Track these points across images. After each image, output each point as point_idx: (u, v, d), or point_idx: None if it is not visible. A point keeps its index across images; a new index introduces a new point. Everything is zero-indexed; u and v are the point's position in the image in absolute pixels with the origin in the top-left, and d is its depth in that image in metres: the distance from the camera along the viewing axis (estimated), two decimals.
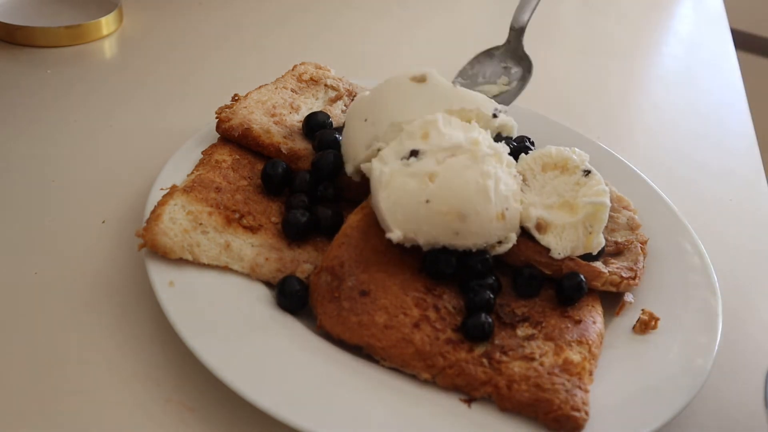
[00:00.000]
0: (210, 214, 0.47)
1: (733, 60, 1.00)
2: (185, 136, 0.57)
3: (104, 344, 0.43)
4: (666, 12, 1.18)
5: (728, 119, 0.85)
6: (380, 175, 0.44)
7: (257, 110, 0.57)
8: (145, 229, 0.44)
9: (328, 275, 0.44)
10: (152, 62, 0.78)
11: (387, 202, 0.44)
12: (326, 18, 0.95)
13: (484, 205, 0.44)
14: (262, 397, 0.37)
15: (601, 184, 0.48)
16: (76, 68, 0.74)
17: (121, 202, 0.55)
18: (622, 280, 0.48)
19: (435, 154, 0.44)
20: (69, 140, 0.62)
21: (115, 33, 0.83)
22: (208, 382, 0.40)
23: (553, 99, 0.80)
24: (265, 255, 0.46)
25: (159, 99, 0.71)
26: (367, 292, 0.43)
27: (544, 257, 0.47)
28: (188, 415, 0.39)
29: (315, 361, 0.40)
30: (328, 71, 0.65)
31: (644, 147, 0.75)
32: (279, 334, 0.42)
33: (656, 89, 0.93)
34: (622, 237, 0.52)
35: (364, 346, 0.41)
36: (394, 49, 0.90)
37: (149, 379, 0.41)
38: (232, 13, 0.93)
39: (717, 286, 0.49)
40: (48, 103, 0.68)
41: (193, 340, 0.39)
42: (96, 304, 0.46)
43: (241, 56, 0.82)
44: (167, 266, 0.44)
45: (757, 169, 0.74)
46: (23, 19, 0.78)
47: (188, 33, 0.86)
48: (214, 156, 0.53)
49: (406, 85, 0.50)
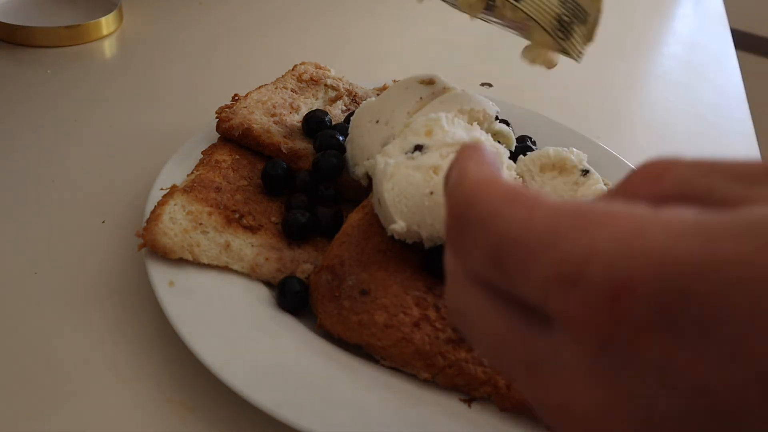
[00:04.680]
0: (210, 214, 0.47)
1: (733, 60, 1.01)
2: (185, 136, 0.57)
3: (104, 344, 0.43)
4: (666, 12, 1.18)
5: (728, 119, 0.85)
6: (385, 167, 0.45)
7: (257, 110, 0.57)
8: (145, 229, 0.44)
9: (328, 274, 0.44)
10: (152, 62, 0.78)
11: (391, 194, 0.44)
12: (326, 18, 0.96)
13: None
14: (262, 397, 0.37)
15: (599, 183, 0.48)
16: (76, 68, 0.74)
17: (121, 202, 0.55)
18: None
19: (439, 149, 0.45)
20: (69, 140, 0.62)
21: (115, 33, 0.83)
22: (208, 382, 0.40)
23: (553, 99, 0.80)
24: (265, 255, 0.46)
25: (159, 99, 0.71)
26: (367, 291, 0.43)
27: None
28: (188, 415, 0.39)
29: (315, 360, 0.40)
30: (328, 71, 0.65)
31: (645, 147, 0.75)
32: (279, 333, 0.42)
33: (656, 89, 0.93)
34: None
35: (364, 346, 0.41)
36: (395, 49, 0.90)
37: (149, 379, 0.41)
38: (232, 13, 0.93)
39: None
40: (48, 103, 0.68)
41: (193, 340, 0.39)
42: (96, 304, 0.46)
43: (241, 56, 0.82)
44: (167, 266, 0.44)
45: None
46: (23, 19, 0.79)
47: (188, 33, 0.86)
48: (214, 156, 0.53)
49: (416, 87, 0.51)
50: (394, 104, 0.51)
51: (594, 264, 0.19)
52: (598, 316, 0.19)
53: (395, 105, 0.51)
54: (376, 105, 0.53)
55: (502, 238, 0.21)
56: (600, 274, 0.19)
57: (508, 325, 0.22)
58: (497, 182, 0.23)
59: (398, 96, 0.51)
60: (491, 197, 0.22)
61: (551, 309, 0.20)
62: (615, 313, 0.19)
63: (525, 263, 0.20)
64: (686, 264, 0.18)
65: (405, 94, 0.50)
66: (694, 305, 0.18)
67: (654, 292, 0.18)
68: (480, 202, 0.22)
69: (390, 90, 0.53)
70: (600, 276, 0.19)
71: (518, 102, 0.69)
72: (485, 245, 0.22)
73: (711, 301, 0.17)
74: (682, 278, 0.18)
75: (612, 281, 0.19)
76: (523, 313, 0.22)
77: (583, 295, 0.19)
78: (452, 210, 0.23)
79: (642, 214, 0.19)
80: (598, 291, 0.19)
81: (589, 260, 0.19)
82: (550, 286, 0.20)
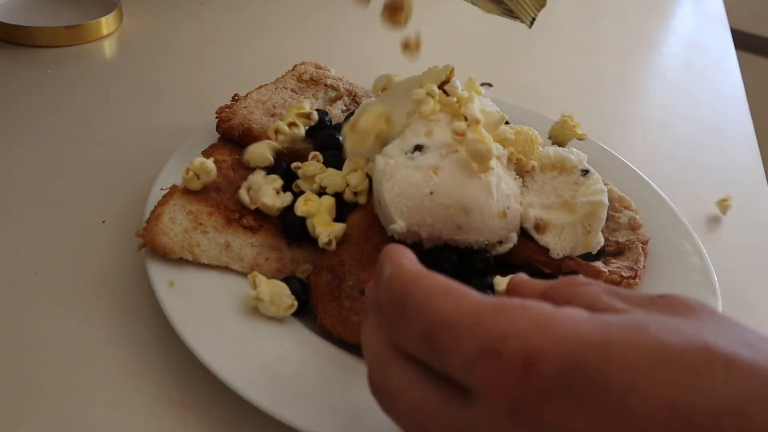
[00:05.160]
0: (210, 214, 0.47)
1: (733, 60, 1.01)
2: (185, 136, 0.57)
3: (104, 344, 0.43)
4: (666, 12, 1.18)
5: (728, 119, 0.85)
6: (385, 167, 0.45)
7: (257, 110, 0.57)
8: (145, 229, 0.44)
9: (328, 274, 0.44)
10: (152, 62, 0.78)
11: (391, 194, 0.44)
12: (326, 18, 0.96)
13: (486, 200, 0.44)
14: (262, 397, 0.37)
15: (599, 183, 0.48)
16: (76, 68, 0.74)
17: (121, 202, 0.55)
18: (621, 280, 0.48)
19: (439, 149, 0.45)
20: (69, 140, 0.62)
21: (115, 33, 0.83)
22: (208, 382, 0.40)
23: (553, 99, 0.80)
24: (265, 255, 0.46)
25: (159, 99, 0.71)
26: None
27: (543, 257, 0.47)
28: (188, 415, 0.39)
29: (315, 360, 0.40)
30: (328, 71, 0.65)
31: (644, 147, 0.75)
32: (279, 333, 0.42)
33: (656, 89, 0.93)
34: (623, 237, 0.52)
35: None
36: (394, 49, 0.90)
37: (149, 379, 0.41)
38: (232, 13, 0.93)
39: (717, 286, 0.49)
40: (48, 103, 0.68)
41: (193, 340, 0.39)
42: (96, 304, 0.46)
43: (241, 56, 0.82)
44: (167, 266, 0.44)
45: (757, 169, 0.74)
46: (23, 19, 0.79)
47: (188, 33, 0.86)
48: (214, 156, 0.53)
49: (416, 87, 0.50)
50: (394, 104, 0.51)
51: (511, 339, 0.24)
52: (511, 380, 0.23)
53: (395, 105, 0.51)
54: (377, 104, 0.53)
55: (433, 322, 0.26)
56: (515, 347, 0.23)
57: (432, 396, 0.26)
58: (429, 276, 0.27)
59: (398, 96, 0.51)
60: (424, 288, 0.27)
61: (472, 380, 0.24)
62: (525, 378, 0.23)
63: (453, 342, 0.25)
64: (584, 342, 0.23)
65: (405, 94, 0.50)
66: (589, 375, 0.22)
67: (558, 362, 0.23)
68: (415, 291, 0.27)
69: (390, 90, 0.53)
70: (515, 349, 0.23)
71: (518, 102, 0.69)
72: (419, 328, 0.26)
73: (602, 370, 0.22)
74: (581, 352, 0.23)
75: (525, 353, 0.23)
76: (446, 387, 0.26)
77: (499, 364, 0.24)
78: (391, 297, 0.28)
79: (549, 308, 0.25)
80: (512, 359, 0.23)
81: (508, 337, 0.24)
82: (472, 359, 0.24)
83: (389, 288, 0.28)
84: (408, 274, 0.28)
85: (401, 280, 0.28)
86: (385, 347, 0.28)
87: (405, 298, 0.27)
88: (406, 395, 0.27)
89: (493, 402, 0.24)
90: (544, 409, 0.23)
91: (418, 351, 0.26)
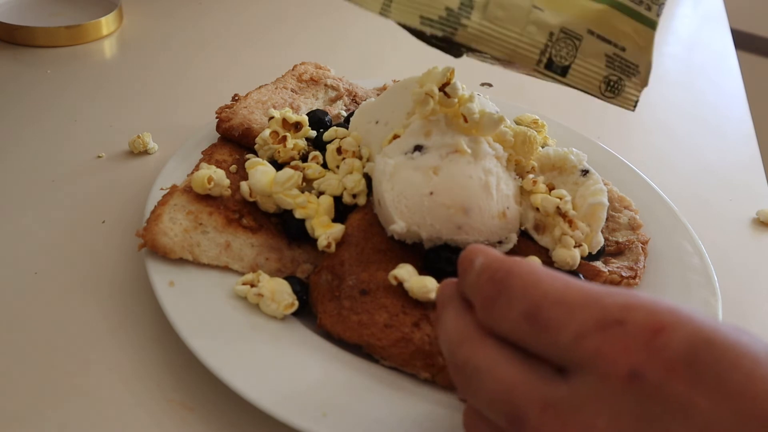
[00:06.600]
0: (210, 214, 0.47)
1: (733, 60, 1.01)
2: (185, 136, 0.57)
3: (104, 344, 0.43)
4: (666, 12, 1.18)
5: (728, 119, 0.85)
6: (385, 167, 0.45)
7: (257, 110, 0.57)
8: (145, 229, 0.44)
9: (328, 274, 0.44)
10: (152, 62, 0.78)
11: (391, 194, 0.44)
12: (326, 18, 0.96)
13: (486, 200, 0.44)
14: (262, 397, 0.37)
15: (599, 184, 0.48)
16: (76, 68, 0.74)
17: (121, 202, 0.55)
18: (621, 280, 0.48)
19: (438, 150, 0.45)
20: (69, 140, 0.62)
21: (115, 33, 0.83)
22: (208, 382, 0.40)
23: (553, 99, 0.80)
24: (265, 255, 0.46)
25: (159, 99, 0.71)
26: (367, 291, 0.43)
27: (543, 257, 0.47)
28: (188, 415, 0.39)
29: (315, 360, 0.40)
30: (328, 71, 0.65)
31: (644, 147, 0.75)
32: (279, 333, 0.42)
33: (656, 89, 0.93)
34: (624, 237, 0.52)
35: (364, 345, 0.41)
36: (395, 49, 0.90)
37: (149, 379, 0.41)
38: (232, 12, 0.93)
39: (717, 286, 0.49)
40: (48, 103, 0.68)
41: (193, 340, 0.39)
42: (96, 304, 0.46)
43: (241, 56, 0.82)
44: (167, 266, 0.44)
45: (757, 169, 0.74)
46: (23, 19, 0.79)
47: (188, 33, 0.86)
48: (214, 156, 0.53)
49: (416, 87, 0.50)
50: (394, 104, 0.51)
51: (637, 310, 0.24)
52: (636, 346, 0.23)
53: (395, 105, 0.51)
54: (376, 105, 0.53)
55: (542, 298, 0.26)
56: (642, 316, 0.24)
57: (525, 373, 0.26)
58: (530, 263, 0.28)
59: (398, 96, 0.51)
60: (529, 272, 0.28)
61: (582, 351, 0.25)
62: (652, 344, 0.23)
63: (563, 317, 0.25)
64: (709, 321, 0.23)
65: (405, 94, 0.50)
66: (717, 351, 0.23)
67: (689, 334, 0.23)
68: (520, 272, 0.28)
69: (390, 90, 0.53)
70: (642, 318, 0.24)
71: (518, 102, 0.69)
72: (523, 306, 0.27)
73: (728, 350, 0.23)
74: (709, 330, 0.23)
75: (653, 321, 0.24)
76: (537, 365, 0.26)
77: (622, 332, 0.24)
78: (491, 277, 0.28)
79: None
80: (639, 327, 0.24)
81: (632, 309, 0.24)
82: (585, 331, 0.25)
83: (488, 270, 0.29)
84: (507, 260, 0.29)
85: (501, 264, 0.28)
86: (471, 330, 0.29)
87: (508, 277, 0.28)
88: (494, 373, 0.27)
89: (606, 373, 0.24)
90: (668, 378, 0.23)
91: (516, 329, 0.27)
